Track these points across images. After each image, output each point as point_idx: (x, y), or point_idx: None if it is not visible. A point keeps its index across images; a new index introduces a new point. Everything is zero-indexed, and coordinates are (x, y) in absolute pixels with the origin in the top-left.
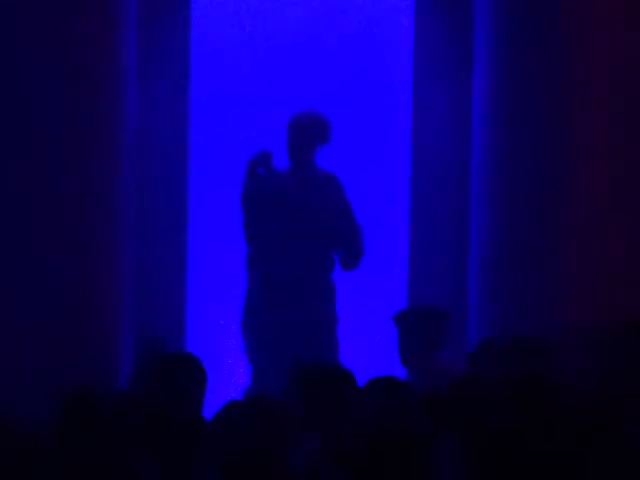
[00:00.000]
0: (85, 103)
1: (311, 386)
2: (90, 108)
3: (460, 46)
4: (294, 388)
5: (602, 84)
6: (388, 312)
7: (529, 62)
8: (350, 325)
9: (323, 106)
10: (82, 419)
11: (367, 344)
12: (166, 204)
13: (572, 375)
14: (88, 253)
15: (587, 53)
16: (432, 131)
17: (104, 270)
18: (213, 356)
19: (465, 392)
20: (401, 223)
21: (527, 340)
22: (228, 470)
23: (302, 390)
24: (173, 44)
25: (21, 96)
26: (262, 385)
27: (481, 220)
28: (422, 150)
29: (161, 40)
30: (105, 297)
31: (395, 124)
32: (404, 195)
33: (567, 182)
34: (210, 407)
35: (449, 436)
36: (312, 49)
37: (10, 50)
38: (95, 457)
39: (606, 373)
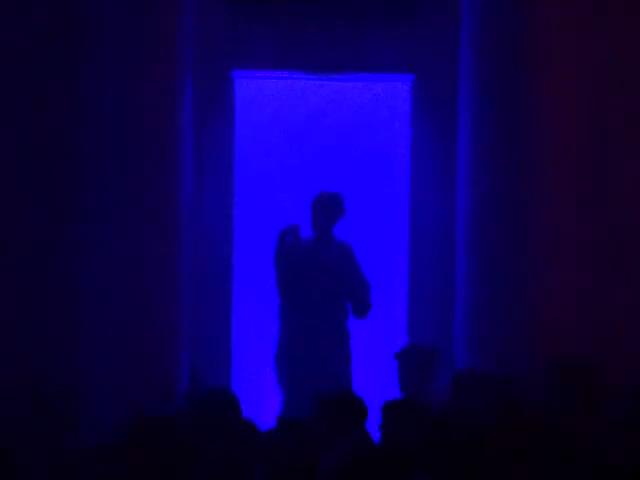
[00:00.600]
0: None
1: (330, 412)
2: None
3: (446, 123)
4: (318, 413)
5: (566, 146)
6: (390, 350)
7: (498, 134)
8: (360, 361)
9: (338, 174)
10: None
11: (373, 377)
12: (214, 270)
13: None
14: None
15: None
16: (425, 189)
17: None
18: (252, 387)
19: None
20: (401, 279)
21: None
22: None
23: (325, 415)
24: (221, 127)
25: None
26: (292, 411)
27: (465, 269)
28: (418, 213)
29: (210, 123)
30: (166, 322)
31: (396, 182)
32: (404, 255)
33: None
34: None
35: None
36: (329, 129)
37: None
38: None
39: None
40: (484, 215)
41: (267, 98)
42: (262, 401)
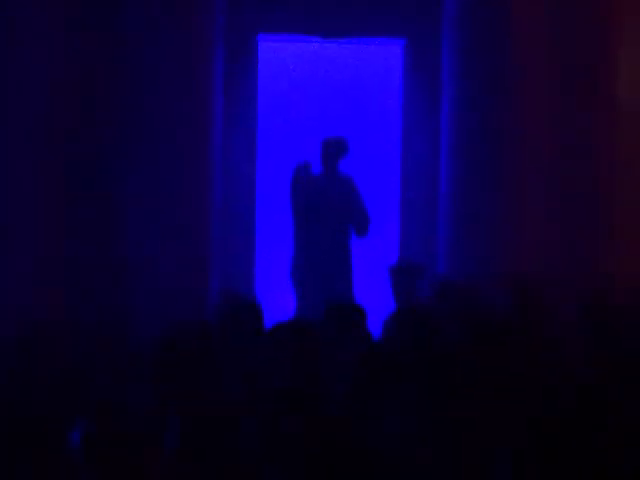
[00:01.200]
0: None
1: (337, 315)
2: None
3: (433, 79)
4: (325, 316)
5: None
6: (384, 266)
7: (478, 89)
8: (360, 274)
9: (344, 121)
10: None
11: (371, 288)
12: (240, 201)
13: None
14: (196, 235)
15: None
16: (414, 132)
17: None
18: (273, 295)
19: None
20: (393, 207)
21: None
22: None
23: (330, 317)
24: (246, 83)
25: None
26: (304, 316)
27: (447, 207)
28: (408, 154)
29: (237, 79)
30: (202, 255)
31: (390, 128)
32: (396, 186)
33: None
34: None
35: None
36: (336, 84)
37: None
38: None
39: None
40: (463, 155)
41: (285, 58)
42: (280, 308)
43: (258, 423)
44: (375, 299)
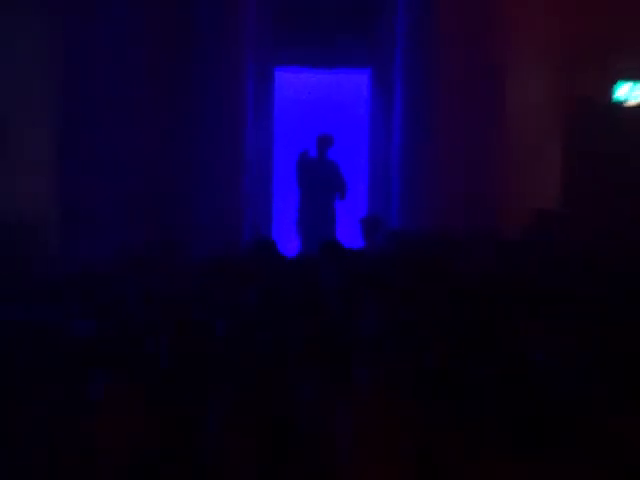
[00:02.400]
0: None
1: (327, 250)
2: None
3: (387, 98)
4: (319, 251)
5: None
6: (356, 219)
7: (418, 103)
8: (341, 224)
9: (329, 129)
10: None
11: (348, 234)
12: (264, 175)
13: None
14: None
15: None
16: (379, 139)
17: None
18: (285, 238)
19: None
20: (364, 181)
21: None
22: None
23: (322, 252)
24: (266, 99)
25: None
26: (305, 250)
27: (398, 181)
28: (373, 146)
29: (261, 94)
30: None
31: (360, 134)
32: (365, 168)
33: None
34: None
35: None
36: (323, 101)
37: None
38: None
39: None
40: (409, 144)
41: (289, 85)
42: (290, 245)
43: (273, 324)
44: (350, 240)
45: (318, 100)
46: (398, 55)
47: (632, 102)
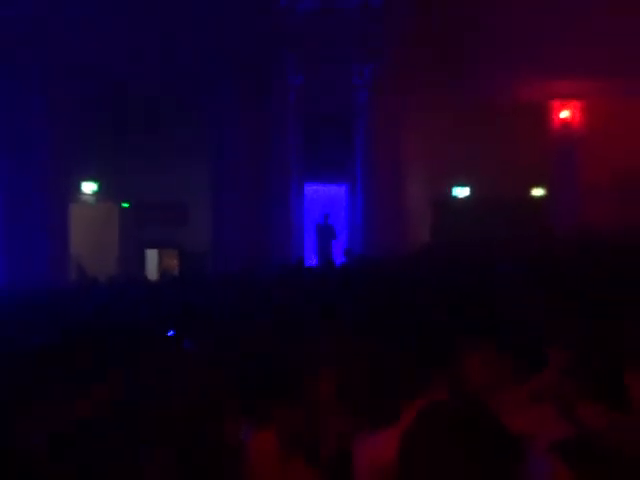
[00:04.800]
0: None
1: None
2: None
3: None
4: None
5: None
6: (342, 250)
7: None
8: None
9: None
10: None
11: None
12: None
13: None
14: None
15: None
16: (352, 217)
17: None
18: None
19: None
20: (345, 236)
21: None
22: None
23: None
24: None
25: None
26: (319, 263)
27: None
28: (351, 220)
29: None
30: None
31: (341, 217)
32: (346, 228)
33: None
34: None
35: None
36: (320, 200)
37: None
38: None
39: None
40: (365, 222)
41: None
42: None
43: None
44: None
45: (322, 199)
46: (358, 178)
47: (460, 196)
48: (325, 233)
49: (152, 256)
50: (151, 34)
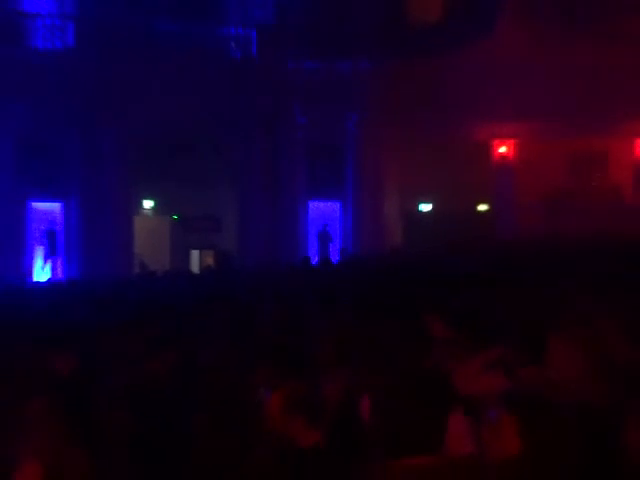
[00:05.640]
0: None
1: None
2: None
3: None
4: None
5: None
6: (338, 249)
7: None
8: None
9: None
10: None
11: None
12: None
13: None
14: None
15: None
16: (344, 226)
17: None
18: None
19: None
20: (339, 239)
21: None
22: None
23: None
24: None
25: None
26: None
27: None
28: (344, 228)
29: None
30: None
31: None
32: (340, 233)
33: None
34: None
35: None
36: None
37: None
38: None
39: None
40: (353, 229)
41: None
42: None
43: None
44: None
45: (321, 213)
46: (349, 196)
47: (425, 210)
48: (324, 238)
49: (195, 255)
50: (198, 97)
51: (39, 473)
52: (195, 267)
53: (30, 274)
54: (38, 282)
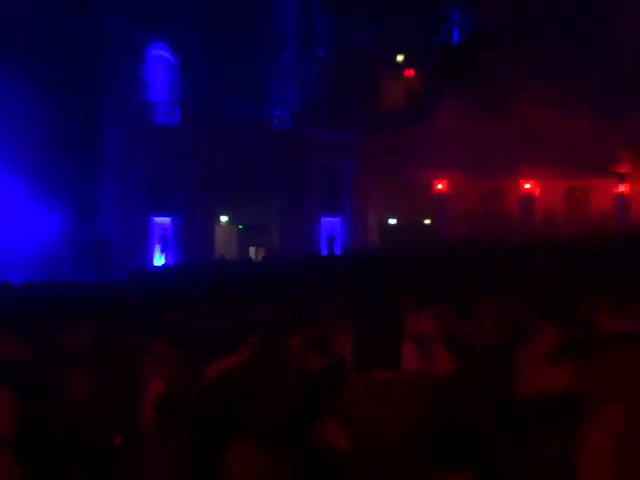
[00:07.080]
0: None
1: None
2: None
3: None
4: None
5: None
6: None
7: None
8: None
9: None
10: None
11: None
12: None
13: None
14: None
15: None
16: (344, 235)
17: None
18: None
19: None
20: (340, 240)
21: None
22: None
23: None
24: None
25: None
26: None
27: None
28: (344, 235)
29: None
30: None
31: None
32: (341, 237)
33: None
34: None
35: None
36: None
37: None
38: None
39: None
40: (349, 233)
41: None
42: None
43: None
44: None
45: (329, 225)
46: (346, 214)
47: (392, 222)
48: (331, 241)
49: (252, 251)
50: (256, 156)
51: (162, 387)
52: (252, 258)
53: (152, 261)
54: (156, 266)
